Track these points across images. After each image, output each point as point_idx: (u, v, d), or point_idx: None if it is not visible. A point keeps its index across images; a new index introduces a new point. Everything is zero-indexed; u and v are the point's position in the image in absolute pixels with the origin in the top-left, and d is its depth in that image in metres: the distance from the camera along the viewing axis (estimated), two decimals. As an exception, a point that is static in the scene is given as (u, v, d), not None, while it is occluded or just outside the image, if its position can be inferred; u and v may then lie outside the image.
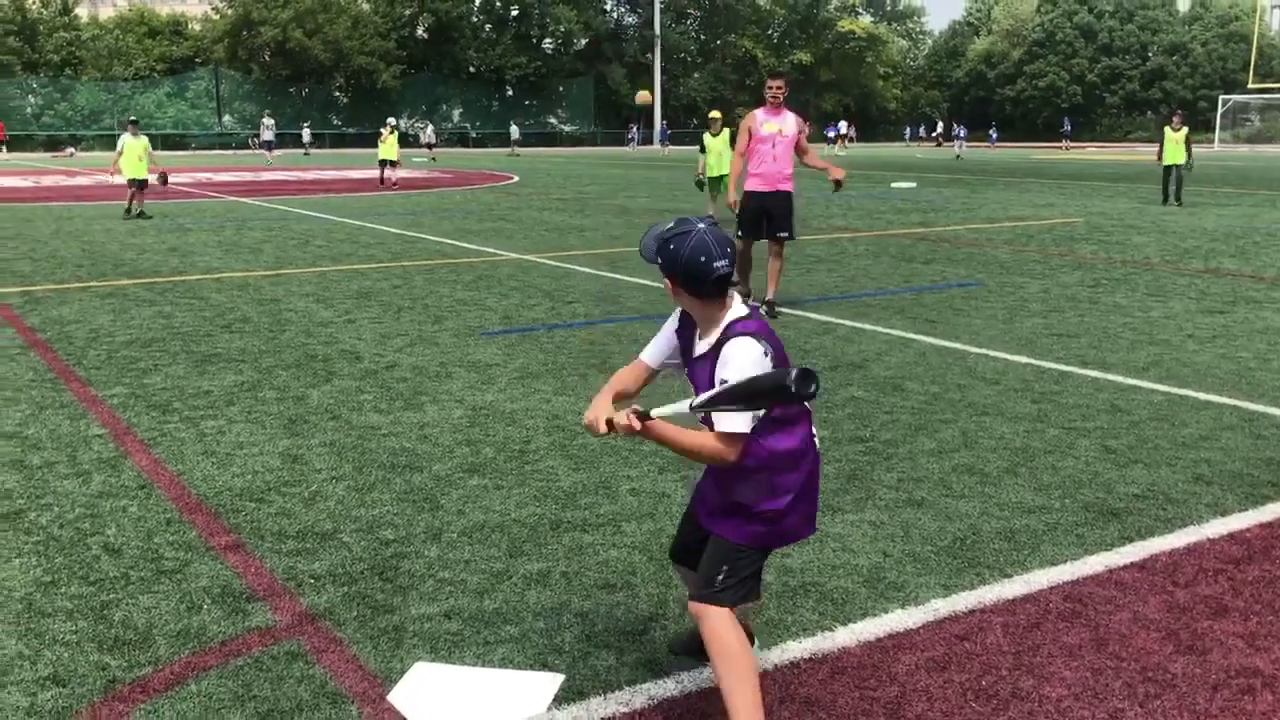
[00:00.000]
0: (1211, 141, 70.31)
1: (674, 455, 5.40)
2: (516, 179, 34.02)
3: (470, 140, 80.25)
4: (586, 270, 12.46)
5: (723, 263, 2.84)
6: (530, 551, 4.26)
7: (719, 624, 2.89)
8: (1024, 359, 7.74)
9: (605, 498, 4.86)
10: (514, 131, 65.54)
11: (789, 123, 9.66)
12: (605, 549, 4.28)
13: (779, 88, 9.67)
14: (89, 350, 8.08)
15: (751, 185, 9.86)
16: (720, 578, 2.95)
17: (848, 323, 9.18)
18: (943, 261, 13.40)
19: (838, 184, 10.01)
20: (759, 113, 9.76)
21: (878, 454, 5.51)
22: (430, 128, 61.21)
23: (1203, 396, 6.67)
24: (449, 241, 15.49)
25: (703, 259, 2.83)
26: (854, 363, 7.63)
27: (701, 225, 2.91)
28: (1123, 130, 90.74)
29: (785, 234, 9.84)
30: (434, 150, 55.73)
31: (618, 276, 11.92)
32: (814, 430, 3.03)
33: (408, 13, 79.35)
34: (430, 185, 30.85)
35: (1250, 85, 72.96)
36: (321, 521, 4.59)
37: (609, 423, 2.84)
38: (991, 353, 7.96)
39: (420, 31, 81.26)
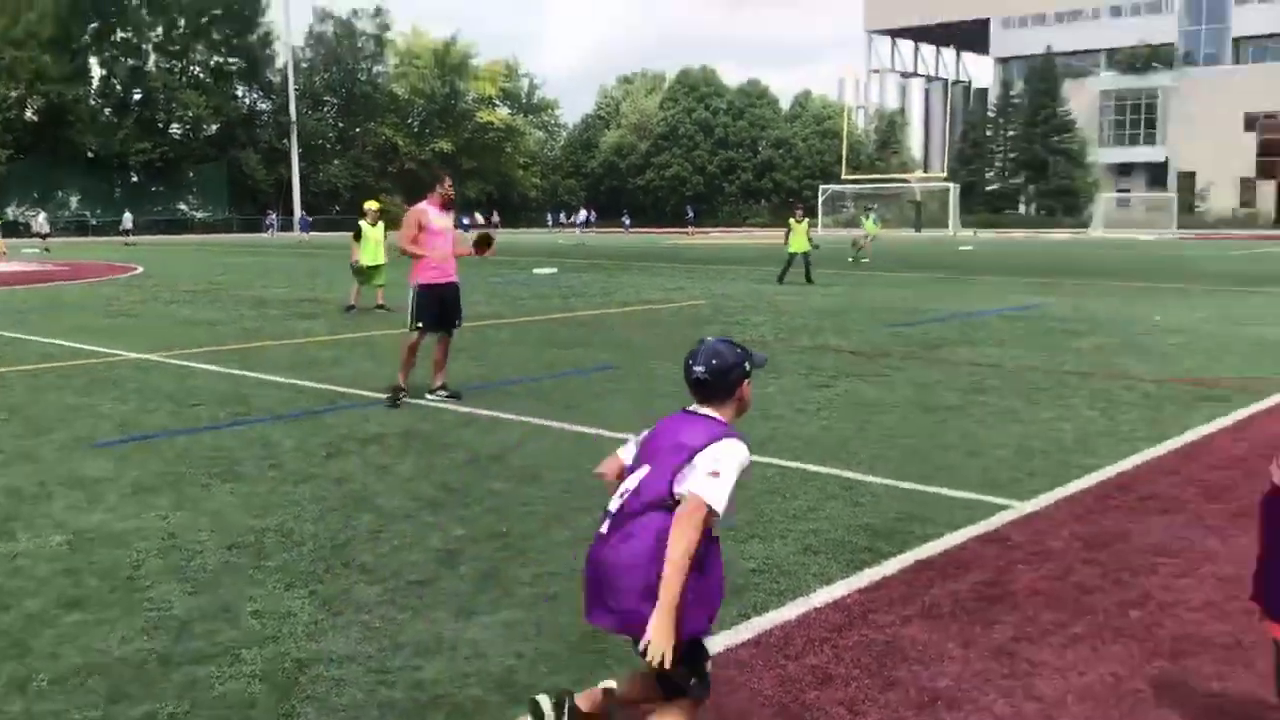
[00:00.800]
0: (817, 226, 77.44)
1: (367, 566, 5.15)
2: (140, 270, 31.88)
3: (90, 228, 74.54)
4: (214, 369, 11.79)
5: (699, 368, 3.35)
6: (135, 694, 3.89)
7: None
8: (654, 442, 8.05)
9: (225, 623, 4.54)
10: (126, 220, 61.08)
11: (449, 219, 10.06)
12: (221, 682, 3.98)
13: (454, 187, 10.21)
14: None
15: (430, 278, 9.82)
16: None
17: (488, 412, 9.22)
18: (582, 346, 13.83)
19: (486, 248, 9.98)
20: (430, 209, 9.83)
21: (514, 549, 5.52)
22: (43, 215, 56.43)
23: (810, 468, 7.21)
24: (60, 342, 14.18)
25: (688, 361, 3.33)
26: (493, 454, 7.65)
27: (709, 338, 3.38)
28: (741, 216, 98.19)
29: (459, 321, 10.18)
30: (48, 240, 51.28)
31: (248, 374, 11.36)
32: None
33: (14, 94, 73.08)
34: (43, 279, 28.29)
35: (844, 176, 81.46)
36: (-121, 683, 3.98)
37: None
38: (624, 436, 8.14)
39: (29, 114, 75.02)
